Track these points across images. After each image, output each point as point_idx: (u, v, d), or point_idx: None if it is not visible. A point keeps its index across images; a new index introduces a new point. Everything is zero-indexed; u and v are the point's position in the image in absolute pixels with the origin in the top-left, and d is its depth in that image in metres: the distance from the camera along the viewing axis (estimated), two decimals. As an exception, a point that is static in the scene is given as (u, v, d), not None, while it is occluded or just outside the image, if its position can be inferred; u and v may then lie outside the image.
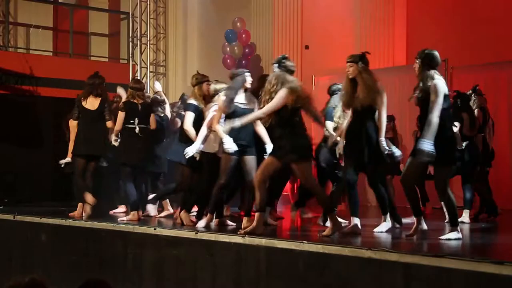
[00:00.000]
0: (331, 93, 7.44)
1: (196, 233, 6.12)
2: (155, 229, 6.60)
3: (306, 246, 5.18)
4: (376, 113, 5.99)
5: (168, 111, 8.68)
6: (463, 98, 7.58)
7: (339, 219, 6.25)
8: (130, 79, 12.31)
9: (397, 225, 6.47)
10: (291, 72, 5.97)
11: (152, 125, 7.87)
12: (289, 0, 12.31)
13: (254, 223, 5.83)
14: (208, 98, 7.00)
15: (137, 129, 7.61)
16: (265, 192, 5.87)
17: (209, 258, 5.90)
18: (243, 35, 12.27)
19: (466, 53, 10.15)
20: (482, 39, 10.12)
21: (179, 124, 8.04)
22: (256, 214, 5.85)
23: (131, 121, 7.61)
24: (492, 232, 7.00)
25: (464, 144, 7.32)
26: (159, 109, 8.42)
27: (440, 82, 5.50)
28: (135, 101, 7.69)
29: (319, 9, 12.01)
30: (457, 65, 9.93)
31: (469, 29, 10.29)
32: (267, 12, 12.51)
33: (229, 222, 6.87)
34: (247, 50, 12.30)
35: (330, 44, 11.86)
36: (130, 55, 12.67)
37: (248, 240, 5.61)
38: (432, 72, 5.57)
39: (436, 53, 5.66)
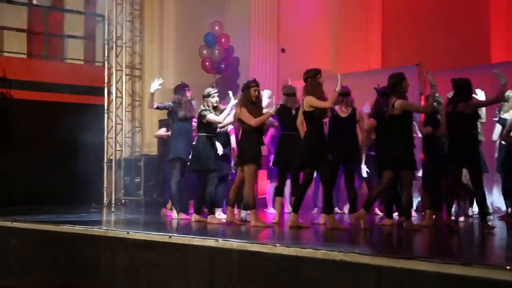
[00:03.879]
0: None
1: (169, 237, 6.09)
2: (128, 232, 6.55)
3: (278, 249, 5.17)
4: None
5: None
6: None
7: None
8: (106, 81, 12.22)
9: None
10: None
11: None
12: (265, 4, 12.34)
13: None
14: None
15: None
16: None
17: (182, 262, 5.87)
18: (223, 39, 12.25)
19: (440, 57, 10.25)
20: (456, 44, 10.23)
21: None
22: None
23: None
24: (464, 234, 7.05)
25: None
26: None
27: None
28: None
29: (296, 12, 12.04)
30: (431, 69, 10.01)
31: (443, 34, 10.40)
32: (243, 16, 12.51)
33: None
34: (224, 53, 12.28)
35: (306, 48, 11.90)
36: (106, 58, 12.56)
37: (220, 243, 5.59)
38: None
39: None
